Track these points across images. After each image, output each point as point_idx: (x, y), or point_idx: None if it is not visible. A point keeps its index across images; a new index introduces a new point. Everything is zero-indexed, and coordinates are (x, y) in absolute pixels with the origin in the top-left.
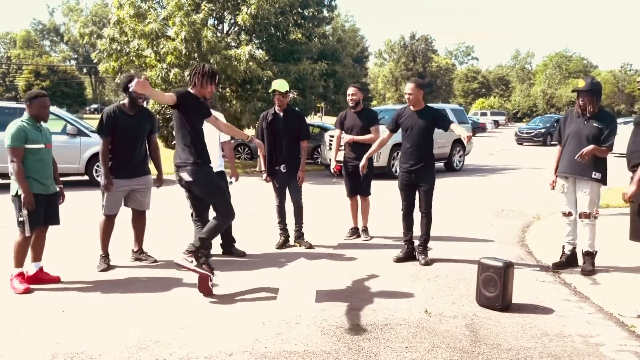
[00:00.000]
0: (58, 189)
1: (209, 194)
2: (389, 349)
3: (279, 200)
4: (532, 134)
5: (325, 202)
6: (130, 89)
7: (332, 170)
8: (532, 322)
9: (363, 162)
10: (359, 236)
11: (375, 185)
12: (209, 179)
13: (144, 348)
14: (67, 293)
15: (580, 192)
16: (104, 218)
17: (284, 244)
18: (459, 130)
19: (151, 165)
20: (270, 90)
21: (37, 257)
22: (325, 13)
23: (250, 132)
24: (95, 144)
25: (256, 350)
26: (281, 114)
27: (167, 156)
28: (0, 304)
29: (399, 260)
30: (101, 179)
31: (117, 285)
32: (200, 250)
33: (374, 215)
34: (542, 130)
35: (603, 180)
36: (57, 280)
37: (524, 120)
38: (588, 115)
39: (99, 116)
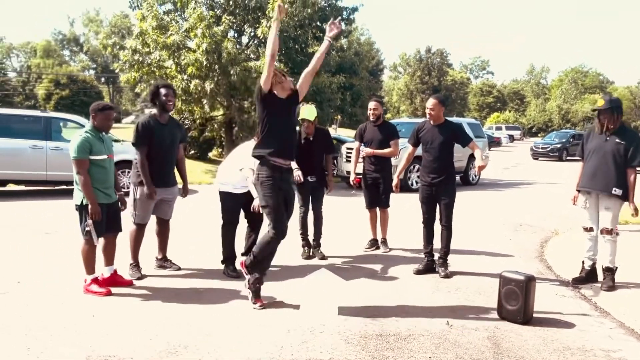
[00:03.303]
0: (118, 197)
1: None
2: (413, 359)
3: (303, 210)
4: (548, 149)
5: (343, 214)
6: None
7: (352, 183)
8: (553, 335)
9: (395, 181)
10: (378, 248)
11: (393, 197)
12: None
13: (174, 353)
14: (97, 298)
15: (602, 208)
16: (135, 227)
17: (310, 255)
18: (477, 155)
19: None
20: (299, 118)
21: (109, 262)
22: (344, 26)
23: None
24: (118, 152)
25: (282, 357)
26: (311, 138)
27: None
28: (34, 307)
29: (419, 272)
30: (135, 189)
31: (145, 292)
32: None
33: (393, 227)
34: (558, 146)
35: (624, 196)
36: (130, 283)
37: (539, 135)
38: (609, 132)
39: (117, 125)
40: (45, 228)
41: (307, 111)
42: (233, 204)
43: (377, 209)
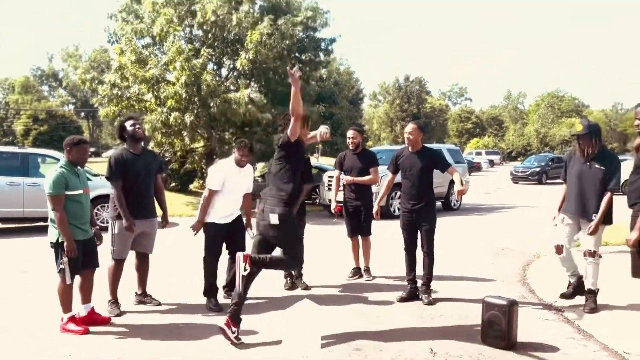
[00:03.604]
0: (94, 232)
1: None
2: None
3: None
4: (527, 173)
5: (325, 243)
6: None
7: (333, 211)
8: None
9: (376, 208)
10: (361, 276)
11: (375, 224)
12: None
13: None
14: (73, 337)
15: (584, 231)
16: (113, 263)
17: (292, 285)
18: (457, 179)
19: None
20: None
21: (86, 299)
22: (322, 57)
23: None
24: (96, 186)
25: None
26: None
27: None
28: (9, 346)
29: (402, 300)
30: (112, 224)
31: (124, 329)
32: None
33: (375, 255)
34: (537, 169)
35: (606, 221)
36: (108, 320)
37: (519, 159)
38: (590, 157)
39: (97, 159)
40: (22, 266)
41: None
42: (216, 235)
43: (359, 236)
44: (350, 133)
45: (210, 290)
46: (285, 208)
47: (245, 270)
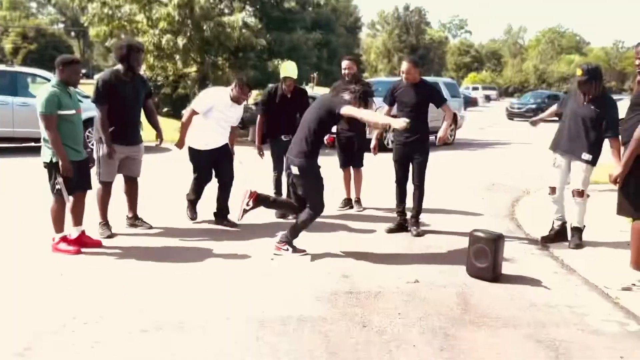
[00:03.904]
0: (87, 154)
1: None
2: (382, 315)
3: (277, 171)
4: (523, 110)
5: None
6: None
7: (325, 142)
8: (520, 292)
9: (374, 143)
10: (351, 207)
11: (367, 156)
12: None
13: (142, 312)
14: (65, 257)
15: (575, 170)
16: (100, 186)
17: (283, 214)
18: (444, 124)
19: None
20: (282, 76)
21: (78, 222)
22: None
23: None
24: (88, 108)
25: (253, 315)
26: (289, 96)
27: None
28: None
29: (391, 231)
30: (97, 147)
31: (115, 251)
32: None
33: (366, 187)
34: (533, 106)
35: (593, 162)
36: (99, 244)
37: (516, 95)
38: (590, 98)
39: (88, 81)
40: (12, 186)
41: (291, 69)
42: (199, 159)
43: (351, 168)
44: (344, 63)
45: (190, 202)
46: (307, 159)
47: (247, 205)
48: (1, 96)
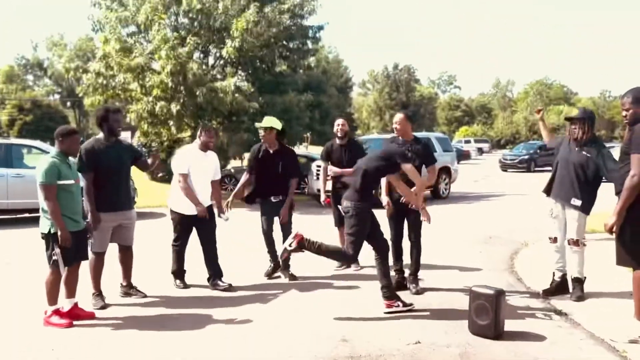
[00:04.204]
0: (85, 224)
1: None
2: None
3: (267, 228)
4: (516, 161)
5: (313, 233)
6: (116, 129)
7: (323, 203)
8: (524, 349)
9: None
10: (348, 266)
11: None
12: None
13: None
14: (57, 331)
15: (569, 219)
16: (93, 256)
17: (273, 271)
18: (419, 181)
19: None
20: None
21: (71, 294)
22: (310, 45)
23: (236, 163)
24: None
25: None
26: (271, 151)
27: (149, 189)
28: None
29: None
30: (89, 217)
31: (108, 322)
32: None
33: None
34: (526, 157)
35: (583, 208)
36: (92, 316)
37: (508, 147)
38: (581, 142)
39: None
40: (6, 258)
41: (266, 119)
42: (182, 224)
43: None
44: (339, 120)
45: (177, 272)
46: (358, 202)
47: (290, 246)
48: None
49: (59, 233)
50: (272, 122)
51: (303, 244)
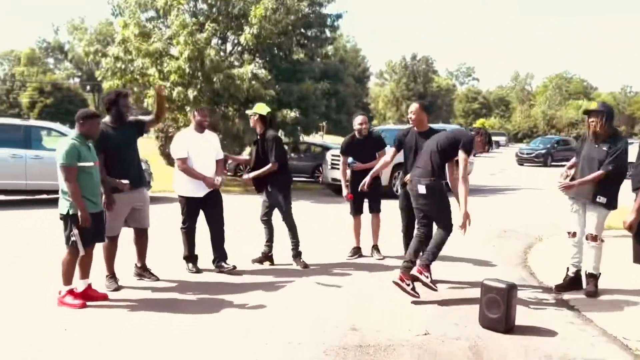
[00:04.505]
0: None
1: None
2: None
3: (260, 214)
4: (533, 155)
5: (326, 222)
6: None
7: (346, 198)
8: (535, 344)
9: (368, 180)
10: (361, 255)
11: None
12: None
13: None
14: (70, 311)
15: (589, 214)
16: (106, 239)
17: (262, 259)
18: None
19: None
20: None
21: (85, 275)
22: (328, 33)
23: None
24: None
25: None
26: (258, 137)
27: (165, 174)
28: (3, 320)
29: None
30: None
31: (121, 304)
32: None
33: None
34: (543, 151)
35: (608, 205)
36: (105, 297)
37: (525, 141)
38: (599, 138)
39: None
40: (23, 238)
41: (255, 105)
42: (189, 207)
43: (363, 216)
44: (360, 119)
45: (189, 257)
46: (433, 180)
47: (427, 277)
48: (15, 149)
49: (78, 214)
50: (257, 108)
51: (426, 266)
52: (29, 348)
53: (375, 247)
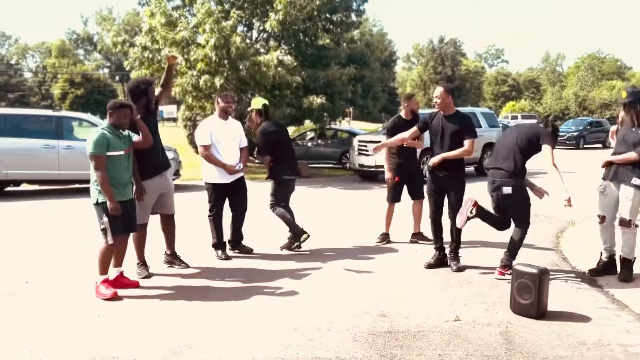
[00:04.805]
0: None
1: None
2: (422, 357)
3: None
4: (565, 137)
5: (354, 207)
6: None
7: (390, 182)
8: (568, 330)
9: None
10: (389, 242)
11: (404, 190)
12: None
13: (177, 353)
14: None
15: (622, 198)
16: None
17: (290, 245)
18: (455, 151)
19: None
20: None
21: (118, 263)
22: (354, 18)
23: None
24: None
25: (288, 357)
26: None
27: (194, 162)
28: (40, 308)
29: (430, 266)
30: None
31: (152, 292)
32: (512, 260)
33: (403, 220)
34: (575, 134)
35: None
36: (136, 285)
37: (557, 123)
38: (638, 123)
39: None
40: (56, 227)
41: (253, 101)
42: (217, 194)
43: (394, 205)
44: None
45: (218, 243)
46: (517, 180)
47: (471, 212)
48: (47, 140)
49: (107, 203)
50: (253, 104)
51: (480, 209)
52: (65, 335)
53: (420, 234)
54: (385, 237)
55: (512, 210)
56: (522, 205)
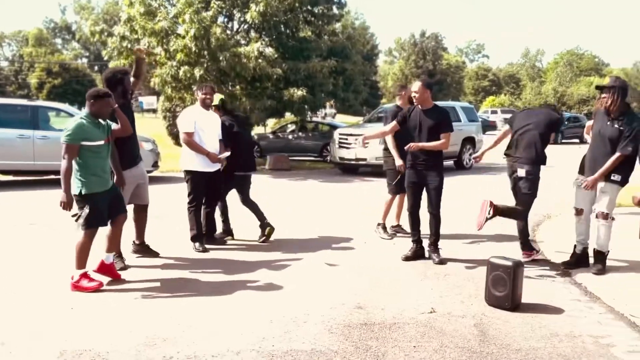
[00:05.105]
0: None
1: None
2: (396, 349)
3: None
4: None
5: (334, 200)
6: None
7: (401, 169)
8: (541, 322)
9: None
10: (406, 233)
11: (379, 182)
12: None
13: (152, 345)
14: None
15: (599, 191)
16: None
17: (267, 238)
18: (431, 143)
19: None
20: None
21: (111, 248)
22: (335, 10)
23: (259, 129)
24: None
25: (263, 349)
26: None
27: (173, 154)
28: (13, 301)
29: (407, 259)
30: None
31: (128, 283)
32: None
33: (381, 212)
34: None
35: (622, 182)
36: (118, 278)
37: None
38: (613, 115)
39: None
40: (31, 219)
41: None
42: (199, 183)
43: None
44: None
45: (196, 235)
46: (534, 165)
47: (489, 214)
48: (22, 130)
49: (90, 194)
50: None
51: (497, 209)
52: (37, 328)
53: (399, 227)
54: (399, 229)
55: (521, 191)
56: (531, 189)
